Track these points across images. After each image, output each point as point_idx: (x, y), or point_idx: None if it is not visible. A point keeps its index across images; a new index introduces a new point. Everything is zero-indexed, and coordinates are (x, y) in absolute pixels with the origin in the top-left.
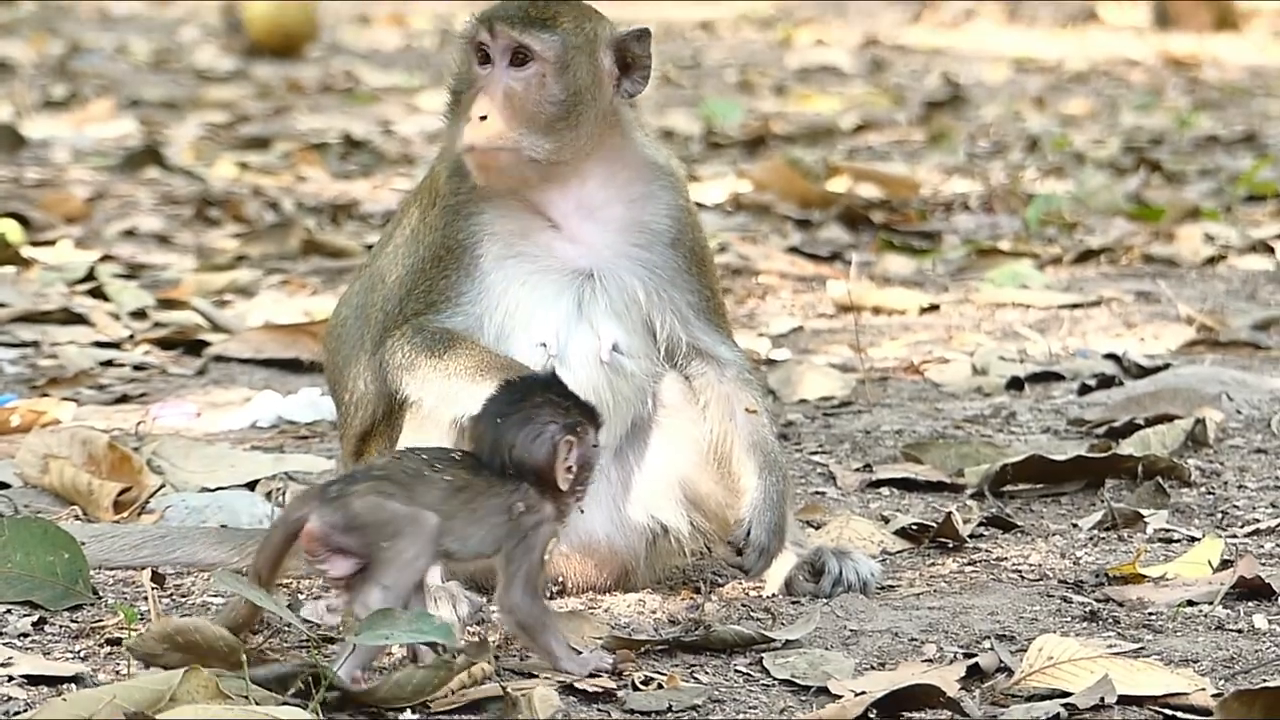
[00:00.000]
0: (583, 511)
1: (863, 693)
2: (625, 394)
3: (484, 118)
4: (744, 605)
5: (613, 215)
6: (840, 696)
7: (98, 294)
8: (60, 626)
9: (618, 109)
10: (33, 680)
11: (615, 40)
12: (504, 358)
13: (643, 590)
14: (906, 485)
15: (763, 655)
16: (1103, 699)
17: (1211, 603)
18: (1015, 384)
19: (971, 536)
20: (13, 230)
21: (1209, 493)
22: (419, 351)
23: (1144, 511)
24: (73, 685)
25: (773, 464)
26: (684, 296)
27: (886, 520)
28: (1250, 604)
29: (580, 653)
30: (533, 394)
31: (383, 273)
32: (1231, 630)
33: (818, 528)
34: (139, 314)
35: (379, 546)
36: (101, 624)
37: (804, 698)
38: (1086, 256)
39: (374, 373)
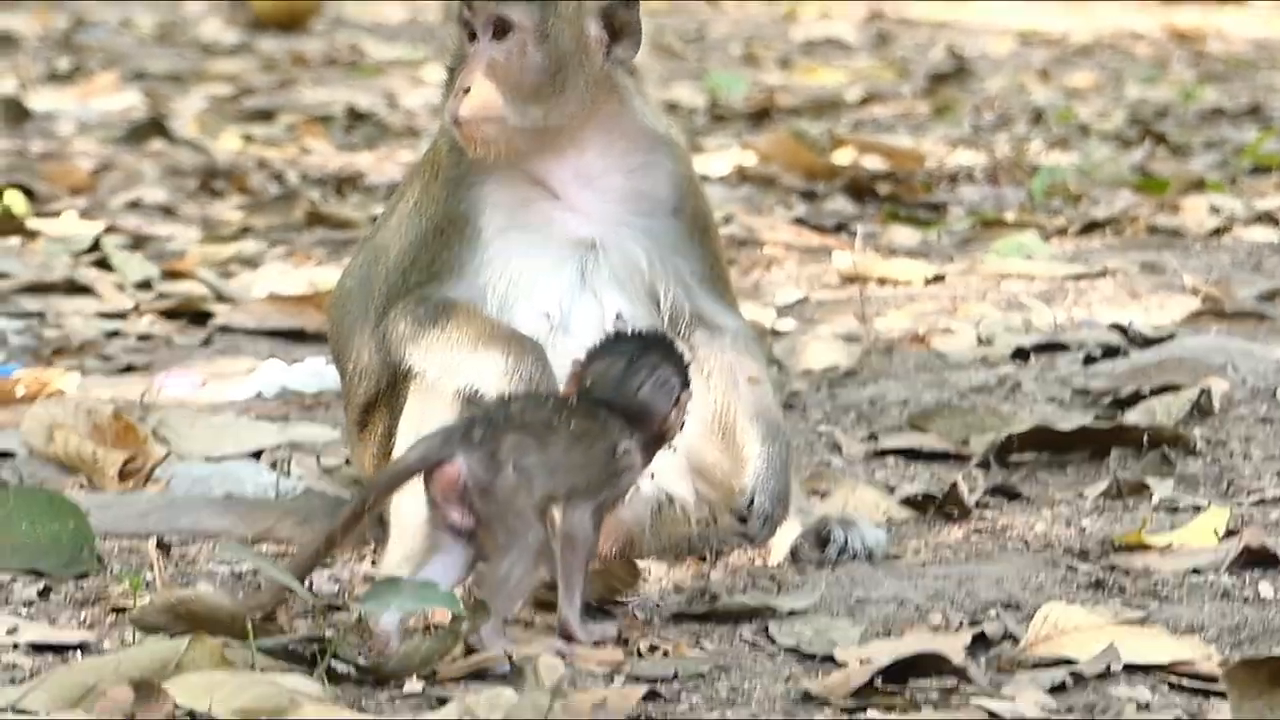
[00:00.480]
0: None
1: (868, 660)
2: None
3: (468, 90)
4: (750, 574)
5: (612, 184)
6: (846, 664)
7: (103, 265)
8: (66, 594)
9: (612, 76)
10: (38, 648)
11: (602, 6)
12: (507, 328)
13: (649, 559)
14: (912, 454)
15: (769, 623)
16: (1109, 667)
17: (1217, 571)
18: (1020, 354)
19: (977, 505)
20: (18, 202)
21: (1214, 462)
22: (422, 322)
23: (1149, 481)
24: (78, 653)
25: (776, 433)
26: (687, 265)
27: (892, 489)
28: (1256, 572)
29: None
30: (661, 346)
31: (386, 245)
32: (1237, 598)
33: (823, 497)
34: (144, 285)
35: (497, 537)
36: (107, 592)
37: (810, 665)
38: (1091, 228)
39: (378, 344)
